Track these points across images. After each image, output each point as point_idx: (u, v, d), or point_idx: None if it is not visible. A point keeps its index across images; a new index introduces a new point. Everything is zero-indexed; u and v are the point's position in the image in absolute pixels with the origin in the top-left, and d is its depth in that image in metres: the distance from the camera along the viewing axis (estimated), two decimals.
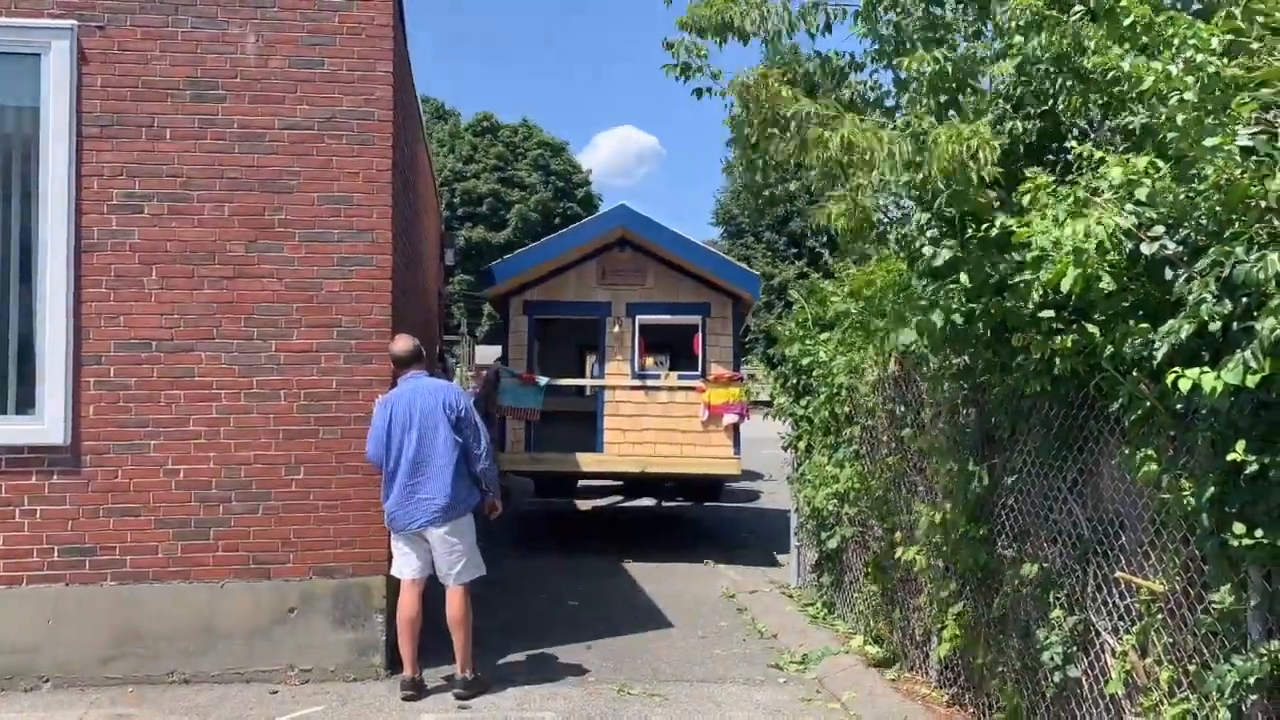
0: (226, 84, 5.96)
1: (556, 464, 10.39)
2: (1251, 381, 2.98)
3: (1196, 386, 3.01)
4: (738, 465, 10.28)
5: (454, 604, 5.79)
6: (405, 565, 5.82)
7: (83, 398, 5.79)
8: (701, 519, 13.33)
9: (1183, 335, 3.06)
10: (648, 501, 13.95)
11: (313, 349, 6.00)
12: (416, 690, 5.69)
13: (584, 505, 14.07)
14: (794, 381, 8.21)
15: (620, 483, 13.63)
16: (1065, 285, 3.50)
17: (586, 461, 10.27)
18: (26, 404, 5.78)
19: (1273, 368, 2.93)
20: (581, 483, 13.04)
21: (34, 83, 5.79)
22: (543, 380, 10.12)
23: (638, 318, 10.29)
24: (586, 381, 11.12)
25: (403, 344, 5.91)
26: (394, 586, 6.01)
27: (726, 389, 10.09)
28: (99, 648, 5.75)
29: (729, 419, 10.12)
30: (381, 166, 6.08)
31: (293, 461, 5.96)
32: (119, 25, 5.88)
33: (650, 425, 10.19)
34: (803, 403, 8.00)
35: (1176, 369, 3.02)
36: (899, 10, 4.77)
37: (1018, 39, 4.32)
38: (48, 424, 5.74)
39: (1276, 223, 2.95)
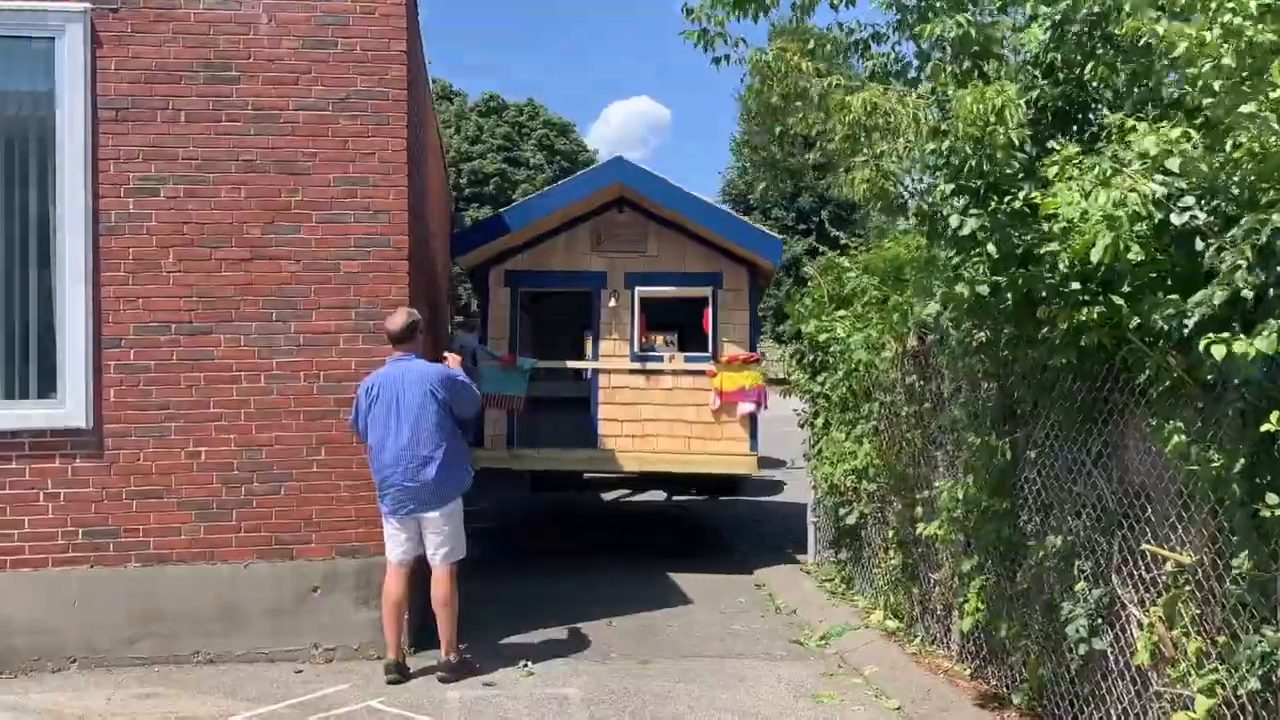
0: (240, 65, 5.94)
1: (541, 462, 8.94)
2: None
3: (1230, 354, 2.97)
4: (754, 463, 8.82)
5: (440, 584, 5.72)
6: (393, 548, 5.77)
7: (104, 381, 5.81)
8: (709, 515, 12.02)
9: (1216, 303, 3.03)
10: (658, 495, 12.96)
11: (332, 330, 6.00)
12: (400, 674, 5.64)
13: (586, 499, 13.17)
14: (810, 358, 8.21)
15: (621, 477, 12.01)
16: (1095, 255, 3.48)
17: (577, 459, 8.94)
18: (48, 388, 5.81)
19: None
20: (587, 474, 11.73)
21: (49, 67, 5.78)
22: (526, 363, 8.74)
23: (638, 290, 8.81)
24: (576, 364, 9.49)
25: (398, 319, 5.74)
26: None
27: (741, 373, 8.63)
28: (124, 629, 5.80)
29: (744, 408, 8.63)
30: (397, 147, 6.06)
31: (314, 442, 5.98)
32: (133, 8, 5.86)
33: (651, 415, 8.75)
34: (820, 379, 7.99)
35: (1210, 335, 2.99)
36: None
37: (1043, 9, 4.27)
38: (70, 407, 5.77)
39: None
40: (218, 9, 5.92)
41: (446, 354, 6.32)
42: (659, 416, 8.72)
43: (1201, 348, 3.01)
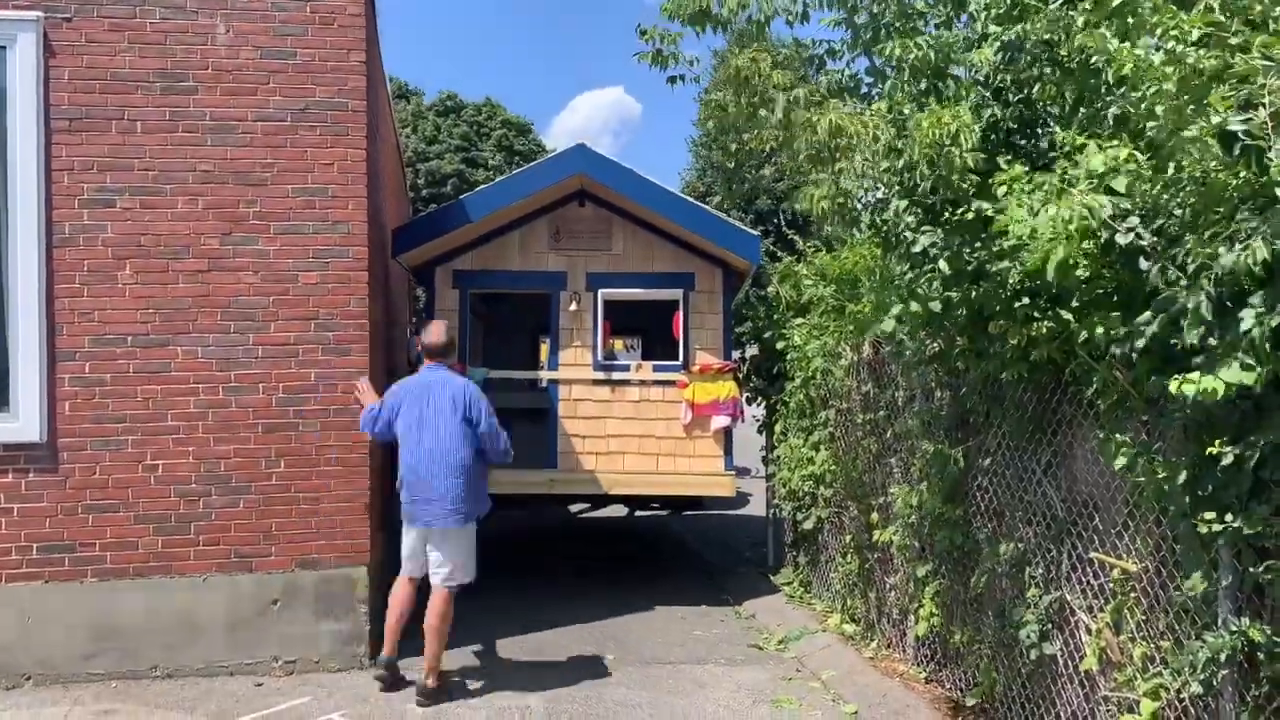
0: (197, 75, 5.90)
1: (496, 484, 7.18)
2: (1250, 380, 2.99)
3: (1201, 390, 3.02)
4: (731, 484, 8.04)
5: (436, 606, 5.65)
6: (409, 562, 5.76)
7: (58, 394, 5.74)
8: (671, 525, 11.97)
9: (1191, 338, 3.11)
10: (618, 511, 12.31)
11: (290, 341, 5.98)
12: (390, 673, 5.64)
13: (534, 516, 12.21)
14: (767, 365, 8.31)
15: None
16: (1050, 269, 3.57)
17: (535, 482, 7.96)
18: (1, 402, 5.72)
19: (1273, 364, 2.99)
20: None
21: (0, 76, 5.71)
22: (479, 374, 7.89)
23: (600, 292, 8.09)
24: (532, 374, 8.66)
25: (438, 332, 5.88)
26: (376, 576, 6.03)
27: (715, 383, 7.93)
28: (81, 644, 5.74)
29: (719, 422, 7.91)
30: (356, 158, 6.05)
31: (273, 455, 5.95)
32: (86, 16, 5.79)
33: (617, 431, 8.02)
34: (776, 386, 8.10)
35: (1179, 377, 3.09)
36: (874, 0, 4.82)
37: (994, 28, 4.39)
38: (23, 421, 5.69)
39: (1247, 214, 3.03)
40: (175, 19, 5.88)
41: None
42: (625, 432, 8.03)
43: (1173, 389, 3.09)
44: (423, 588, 5.81)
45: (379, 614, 5.92)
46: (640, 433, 8.01)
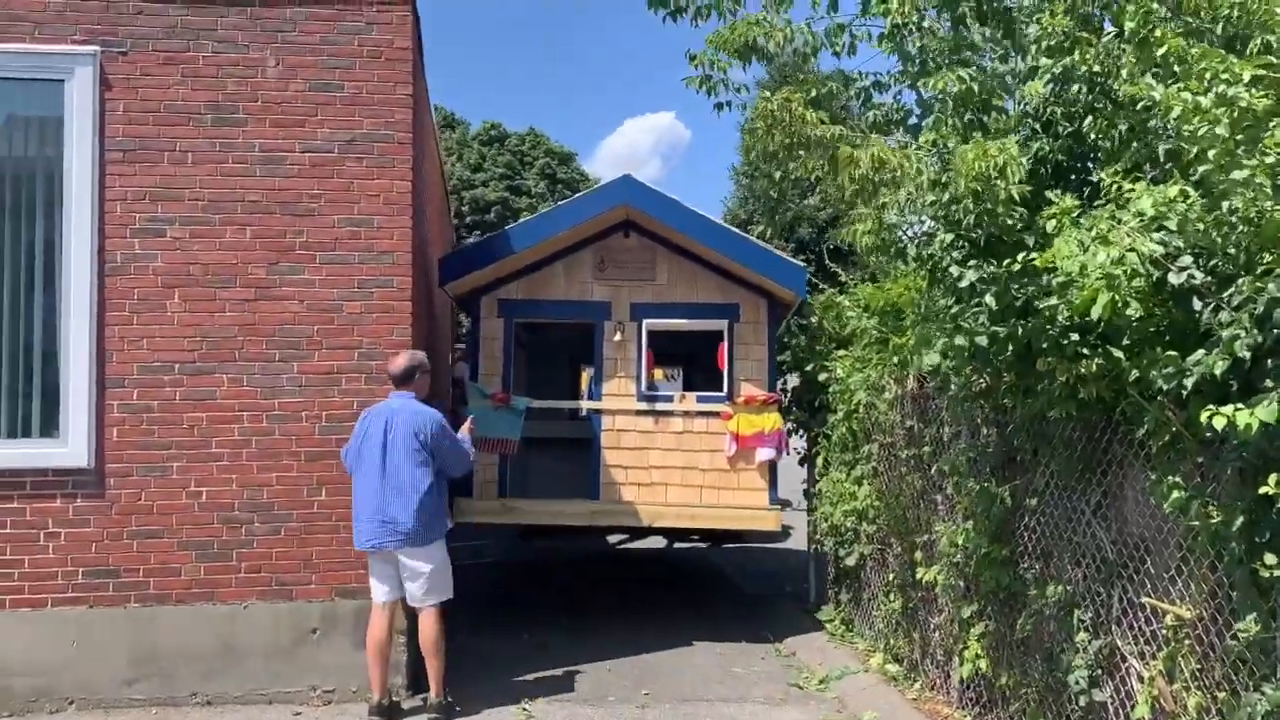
0: (247, 108, 6.00)
1: (537, 515, 7.98)
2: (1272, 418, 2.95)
3: (1233, 425, 2.99)
4: (777, 519, 7.89)
5: (426, 628, 5.68)
6: (375, 588, 5.75)
7: (106, 420, 5.83)
8: (708, 556, 11.74)
9: (1216, 370, 3.05)
10: (656, 541, 12.04)
11: (334, 370, 6.03)
12: (386, 717, 5.62)
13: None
14: (809, 397, 8.23)
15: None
16: (1096, 311, 3.51)
17: (577, 513, 7.88)
18: (51, 427, 5.82)
19: None
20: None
21: (58, 108, 5.84)
22: (522, 403, 7.85)
23: (645, 322, 8.03)
24: (574, 404, 8.77)
25: (399, 362, 5.81)
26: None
27: (760, 415, 7.80)
28: (122, 669, 5.78)
29: (764, 454, 7.77)
30: (401, 189, 6.11)
31: (314, 483, 5.98)
32: (141, 50, 5.93)
33: (660, 462, 7.91)
34: (818, 418, 8.01)
35: (1211, 407, 3.02)
36: (925, 32, 4.79)
37: (1045, 60, 4.34)
38: (72, 447, 5.78)
39: None
40: (226, 52, 5.99)
41: (468, 423, 6.37)
42: (668, 464, 7.90)
43: (1204, 419, 3.03)
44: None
45: (417, 645, 5.91)
46: (683, 464, 7.90)
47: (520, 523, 8.26)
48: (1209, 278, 3.36)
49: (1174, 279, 3.43)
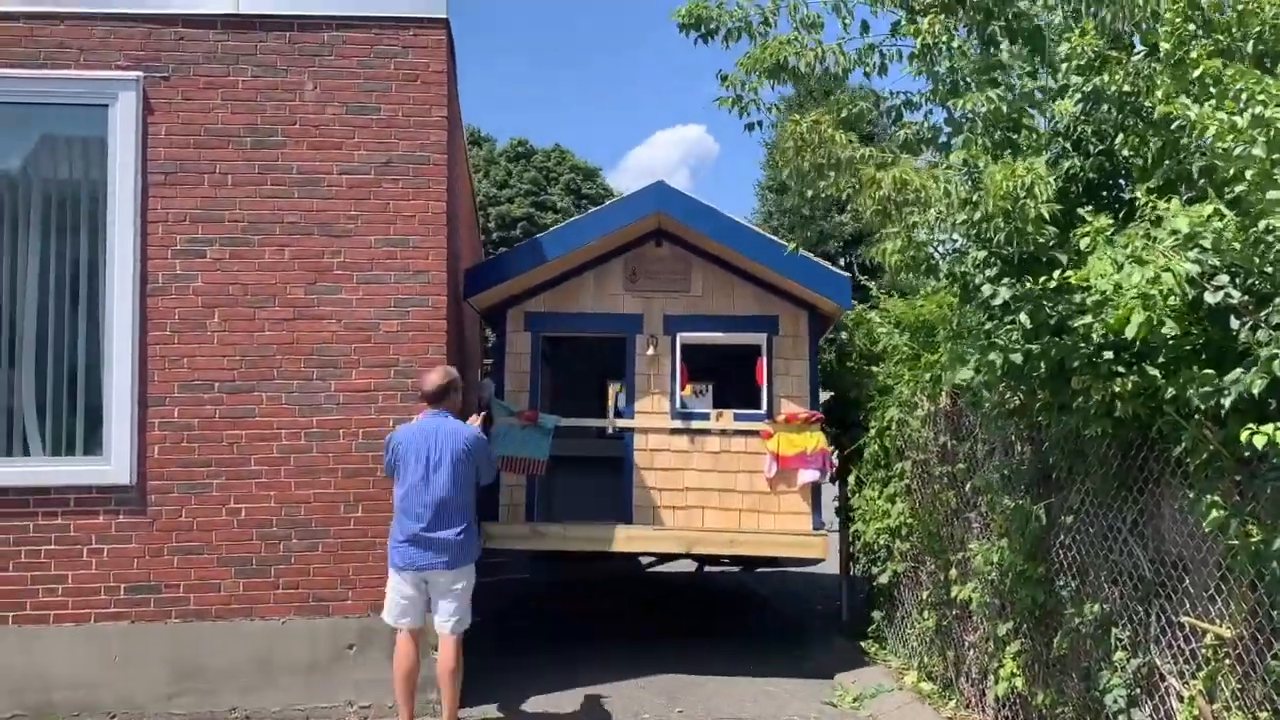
0: (286, 130, 6.11)
1: (568, 541, 7.47)
2: None
3: (1273, 443, 2.99)
4: (823, 546, 7.43)
5: (448, 654, 5.47)
6: (405, 611, 5.51)
7: (148, 438, 5.93)
8: (740, 577, 11.50)
9: (1255, 389, 3.05)
10: (687, 564, 11.26)
11: (371, 388, 6.11)
12: None
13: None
14: (840, 413, 8.23)
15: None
16: (1130, 331, 3.51)
17: (609, 538, 7.35)
18: (94, 445, 5.94)
19: None
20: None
21: (102, 131, 5.97)
22: (550, 421, 7.46)
23: (679, 336, 7.65)
24: (606, 422, 8.42)
25: (433, 379, 5.66)
26: None
27: (802, 434, 7.38)
28: (162, 684, 5.87)
29: (806, 476, 7.34)
30: (437, 209, 6.20)
31: (351, 499, 6.06)
32: (183, 75, 6.06)
33: (696, 484, 7.48)
34: (850, 434, 8.01)
35: (1252, 425, 3.02)
36: (955, 52, 4.81)
37: (1075, 79, 4.36)
38: (114, 464, 5.89)
39: None
40: (265, 76, 6.11)
41: (475, 415, 6.36)
42: (705, 485, 7.48)
43: (1244, 438, 3.02)
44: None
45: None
46: (720, 486, 7.49)
47: (551, 548, 7.82)
48: (1246, 296, 3.36)
49: (1210, 298, 3.43)
